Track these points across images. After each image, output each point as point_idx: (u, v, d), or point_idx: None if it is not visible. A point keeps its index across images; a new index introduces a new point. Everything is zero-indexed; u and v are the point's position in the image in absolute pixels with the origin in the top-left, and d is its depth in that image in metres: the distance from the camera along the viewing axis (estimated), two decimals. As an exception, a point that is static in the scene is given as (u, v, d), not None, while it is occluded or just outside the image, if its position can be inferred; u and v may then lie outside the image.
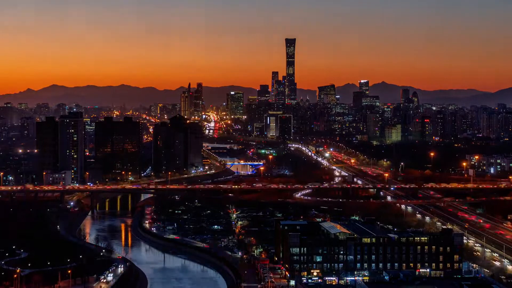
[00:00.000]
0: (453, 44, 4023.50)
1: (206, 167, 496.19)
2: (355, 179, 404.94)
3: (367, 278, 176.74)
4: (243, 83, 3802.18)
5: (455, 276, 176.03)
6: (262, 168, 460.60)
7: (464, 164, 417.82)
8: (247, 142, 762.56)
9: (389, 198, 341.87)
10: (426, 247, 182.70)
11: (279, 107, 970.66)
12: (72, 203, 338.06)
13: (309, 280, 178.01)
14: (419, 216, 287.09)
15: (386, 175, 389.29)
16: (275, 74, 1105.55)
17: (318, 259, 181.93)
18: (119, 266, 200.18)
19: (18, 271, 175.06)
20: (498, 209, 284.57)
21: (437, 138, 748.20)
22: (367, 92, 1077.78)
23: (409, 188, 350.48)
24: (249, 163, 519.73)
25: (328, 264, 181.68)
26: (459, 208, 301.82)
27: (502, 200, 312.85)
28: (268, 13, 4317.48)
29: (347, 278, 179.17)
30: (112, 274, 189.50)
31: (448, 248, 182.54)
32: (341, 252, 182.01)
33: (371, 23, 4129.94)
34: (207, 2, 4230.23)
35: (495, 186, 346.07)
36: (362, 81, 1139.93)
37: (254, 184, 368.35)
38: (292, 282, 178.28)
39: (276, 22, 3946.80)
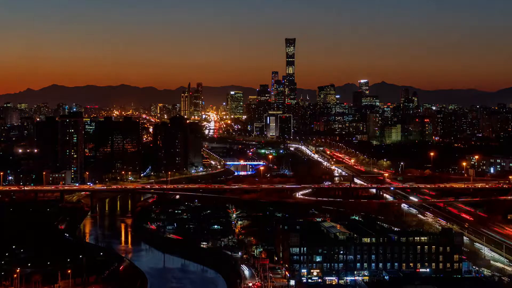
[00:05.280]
0: (453, 44, 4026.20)
1: (206, 167, 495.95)
2: (355, 179, 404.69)
3: (367, 278, 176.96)
4: (243, 83, 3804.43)
5: (455, 276, 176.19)
6: (262, 168, 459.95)
7: (464, 164, 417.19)
8: (247, 142, 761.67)
9: (389, 198, 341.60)
10: (426, 247, 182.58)
11: (279, 107, 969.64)
12: (71, 203, 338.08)
13: (309, 280, 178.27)
14: (419, 215, 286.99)
15: (386, 174, 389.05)
16: (275, 74, 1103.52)
17: (318, 259, 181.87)
18: (119, 266, 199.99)
19: (18, 271, 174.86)
20: (498, 209, 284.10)
21: (437, 138, 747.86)
22: (367, 91, 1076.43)
23: (409, 188, 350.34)
24: (249, 163, 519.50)
25: (328, 264, 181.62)
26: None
27: (502, 200, 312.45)
28: (268, 13, 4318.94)
29: (347, 278, 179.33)
30: (112, 274, 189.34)
31: (448, 248, 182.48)
32: (341, 252, 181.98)
33: (371, 23, 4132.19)
34: (207, 2, 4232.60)
35: (495, 186, 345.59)
36: (362, 81, 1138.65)
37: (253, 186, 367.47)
38: (292, 282, 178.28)
39: (276, 22, 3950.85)
